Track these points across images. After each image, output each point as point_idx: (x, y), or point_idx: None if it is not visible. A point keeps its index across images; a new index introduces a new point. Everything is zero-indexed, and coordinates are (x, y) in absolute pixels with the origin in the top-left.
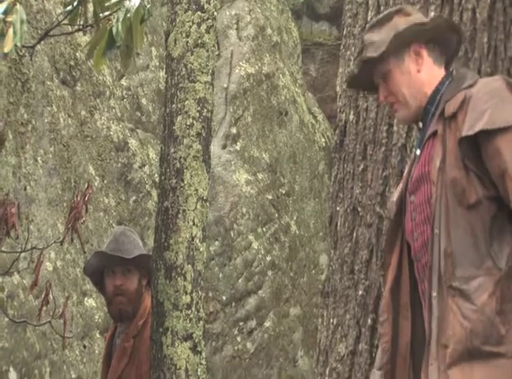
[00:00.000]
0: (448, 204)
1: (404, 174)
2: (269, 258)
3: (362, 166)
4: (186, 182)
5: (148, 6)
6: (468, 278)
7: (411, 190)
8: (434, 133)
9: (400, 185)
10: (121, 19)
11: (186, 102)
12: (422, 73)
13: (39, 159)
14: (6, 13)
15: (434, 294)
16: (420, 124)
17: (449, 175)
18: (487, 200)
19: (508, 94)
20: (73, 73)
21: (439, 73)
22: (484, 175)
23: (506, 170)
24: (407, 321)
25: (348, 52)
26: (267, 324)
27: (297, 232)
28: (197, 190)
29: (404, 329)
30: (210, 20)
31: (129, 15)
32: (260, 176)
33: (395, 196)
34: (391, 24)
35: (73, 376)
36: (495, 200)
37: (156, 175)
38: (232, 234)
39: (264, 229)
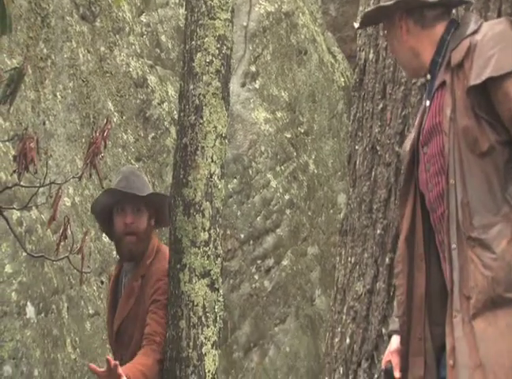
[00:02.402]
0: (461, 153)
1: (415, 124)
2: (287, 197)
3: (381, 106)
4: (205, 119)
5: None
6: (487, 226)
7: (423, 142)
8: (443, 84)
9: (412, 135)
10: None
11: (206, 39)
12: (409, 42)
13: (58, 94)
14: None
15: (454, 245)
16: (428, 76)
17: (461, 124)
18: (500, 145)
19: None
20: (93, 9)
21: (435, 31)
22: (496, 121)
23: None
24: (421, 273)
25: None
26: (285, 262)
27: (315, 171)
28: (215, 127)
29: (419, 280)
30: None
31: None
32: (279, 114)
33: (407, 146)
34: None
35: (91, 311)
36: (508, 145)
37: (175, 112)
38: (251, 172)
39: (282, 167)
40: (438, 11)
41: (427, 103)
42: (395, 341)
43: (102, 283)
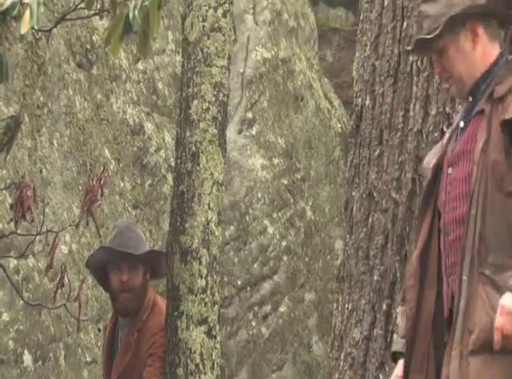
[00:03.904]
0: (487, 186)
1: (444, 140)
2: (284, 243)
3: (378, 152)
4: (201, 166)
5: None
6: (500, 267)
7: (449, 162)
8: (481, 112)
9: (438, 151)
10: (138, 5)
11: (203, 86)
12: (477, 51)
13: (54, 142)
14: None
15: (465, 277)
16: (470, 98)
17: (492, 158)
18: None
19: None
20: (90, 57)
21: (494, 48)
22: None
23: None
24: (432, 290)
25: (365, 37)
26: (282, 309)
27: (312, 217)
28: (212, 174)
29: (429, 298)
30: (227, 5)
31: (146, 2)
32: (275, 161)
33: (432, 161)
34: None
35: (88, 359)
36: None
37: (172, 159)
38: (248, 218)
39: (279, 214)
40: (496, 26)
41: (462, 124)
42: (401, 366)
43: (99, 330)
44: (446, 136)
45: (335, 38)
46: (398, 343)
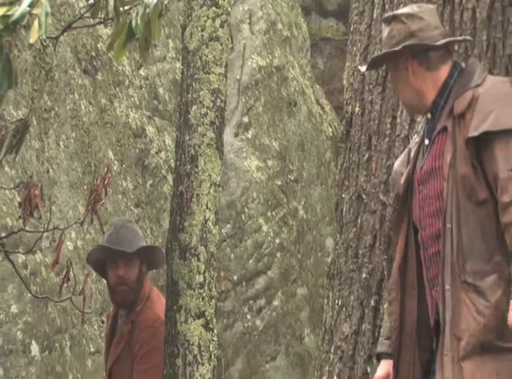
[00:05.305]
0: (459, 199)
1: (411, 155)
2: (277, 241)
3: (366, 156)
4: (200, 168)
5: (166, 2)
6: (479, 272)
7: (420, 180)
8: (444, 129)
9: (405, 163)
10: (140, 14)
11: (201, 92)
12: (414, 83)
13: (61, 143)
14: (32, 5)
15: (447, 287)
16: (429, 115)
17: (460, 172)
18: (494, 198)
19: None
20: (94, 63)
21: (439, 74)
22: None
23: (497, 176)
24: (413, 301)
25: (355, 48)
26: (275, 303)
27: (304, 216)
28: (210, 176)
29: (410, 308)
30: (224, 15)
31: (148, 10)
32: (270, 163)
33: (401, 171)
34: (390, 29)
35: (92, 349)
36: None
37: (172, 161)
38: (243, 217)
39: (273, 213)
40: (441, 52)
41: (426, 141)
42: (383, 367)
43: (102, 322)
44: (413, 150)
45: (326, 47)
46: (383, 345)
